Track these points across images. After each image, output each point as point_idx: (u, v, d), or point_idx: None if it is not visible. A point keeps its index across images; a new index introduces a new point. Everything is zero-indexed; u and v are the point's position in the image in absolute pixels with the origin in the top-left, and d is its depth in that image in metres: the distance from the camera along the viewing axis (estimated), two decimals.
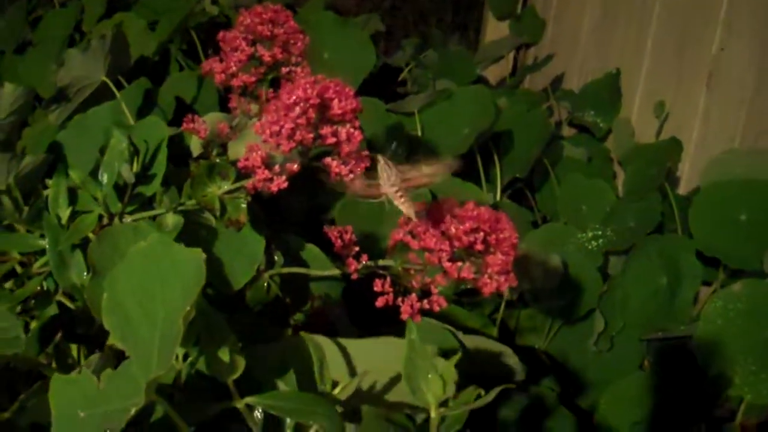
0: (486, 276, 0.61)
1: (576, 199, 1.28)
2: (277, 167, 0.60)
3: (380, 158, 0.64)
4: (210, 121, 0.78)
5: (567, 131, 1.75)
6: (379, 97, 1.32)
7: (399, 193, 0.64)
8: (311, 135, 0.57)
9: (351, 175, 0.60)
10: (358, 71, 1.45)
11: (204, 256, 0.46)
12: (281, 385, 0.58)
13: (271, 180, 0.59)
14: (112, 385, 0.46)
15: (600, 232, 1.23)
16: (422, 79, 1.90)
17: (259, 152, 0.60)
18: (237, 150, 0.82)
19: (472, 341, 0.87)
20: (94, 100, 1.22)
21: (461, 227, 0.60)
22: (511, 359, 0.86)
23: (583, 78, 1.80)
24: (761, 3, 1.15)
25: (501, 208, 1.29)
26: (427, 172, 0.66)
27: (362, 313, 0.84)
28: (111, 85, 1.18)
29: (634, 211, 1.22)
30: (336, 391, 0.56)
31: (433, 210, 0.64)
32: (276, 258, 0.76)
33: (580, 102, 1.67)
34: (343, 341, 0.63)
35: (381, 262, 0.68)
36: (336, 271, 0.72)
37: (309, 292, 0.82)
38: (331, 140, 0.57)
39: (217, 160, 0.73)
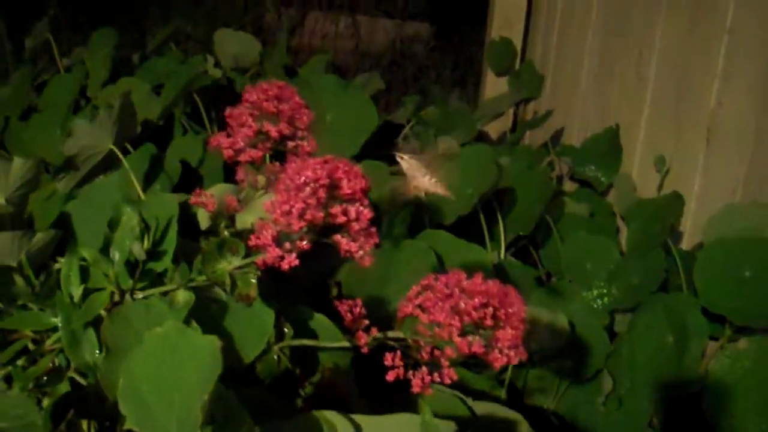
0: (496, 351, 0.61)
1: (580, 257, 1.28)
2: (287, 245, 0.61)
3: (401, 156, 0.68)
4: (217, 193, 0.79)
5: (568, 186, 1.76)
6: (380, 154, 1.33)
7: (433, 180, 0.68)
8: (321, 214, 0.58)
9: (360, 253, 0.60)
10: (361, 133, 1.47)
11: (220, 343, 0.46)
12: None
13: (282, 258, 0.60)
14: None
15: (605, 290, 1.23)
16: (424, 136, 1.92)
17: (270, 231, 0.61)
18: (245, 221, 0.83)
19: (482, 408, 0.87)
20: (102, 167, 1.24)
21: (470, 302, 0.61)
22: (523, 426, 0.85)
23: (583, 132, 1.81)
24: (759, 57, 1.17)
25: (506, 266, 1.30)
26: (443, 151, 0.69)
27: (372, 382, 0.84)
28: (119, 153, 1.19)
29: (638, 269, 1.23)
30: None
31: (441, 282, 0.65)
32: (286, 330, 0.77)
33: (581, 157, 1.68)
34: (357, 418, 0.63)
35: (390, 334, 0.69)
36: (345, 343, 0.72)
37: (318, 363, 0.83)
38: (341, 219, 0.58)
39: (226, 234, 0.74)
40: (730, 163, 1.25)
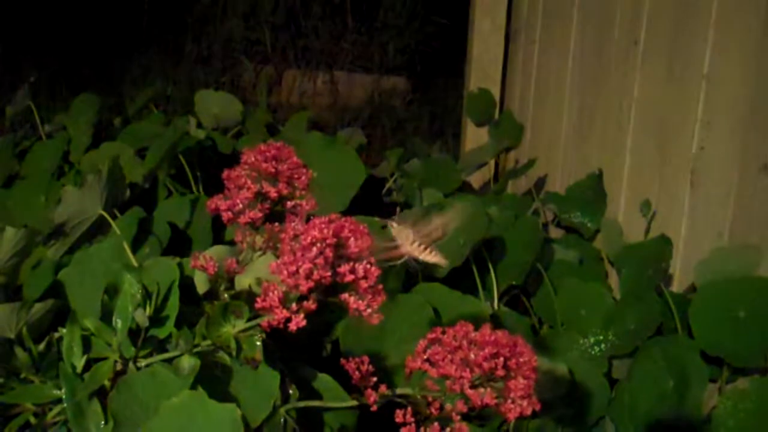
0: (509, 401, 0.61)
1: (574, 304, 1.28)
2: (294, 306, 0.60)
3: (392, 223, 0.67)
4: (214, 255, 0.79)
5: (554, 233, 1.77)
6: (365, 208, 1.34)
7: (423, 247, 0.67)
8: (329, 273, 0.58)
9: (369, 311, 0.60)
10: (349, 188, 1.48)
11: (240, 412, 0.46)
12: None
13: (289, 319, 0.60)
14: None
15: (602, 337, 1.23)
16: (408, 189, 1.93)
17: (276, 292, 0.60)
18: (243, 282, 0.82)
19: None
20: (91, 232, 1.23)
21: (481, 353, 0.61)
22: None
23: (566, 178, 1.83)
24: (738, 101, 1.19)
25: (500, 317, 1.29)
26: (440, 222, 0.68)
27: None
28: (110, 219, 1.19)
29: (633, 314, 1.23)
30: None
31: (449, 335, 0.64)
32: (291, 391, 0.76)
33: (566, 204, 1.69)
34: None
35: (399, 391, 0.68)
36: (353, 402, 0.72)
37: (324, 424, 0.82)
38: (350, 278, 0.58)
39: (227, 297, 0.74)
40: (715, 205, 1.27)
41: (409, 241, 0.68)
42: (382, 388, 0.67)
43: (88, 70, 3.02)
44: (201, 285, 0.85)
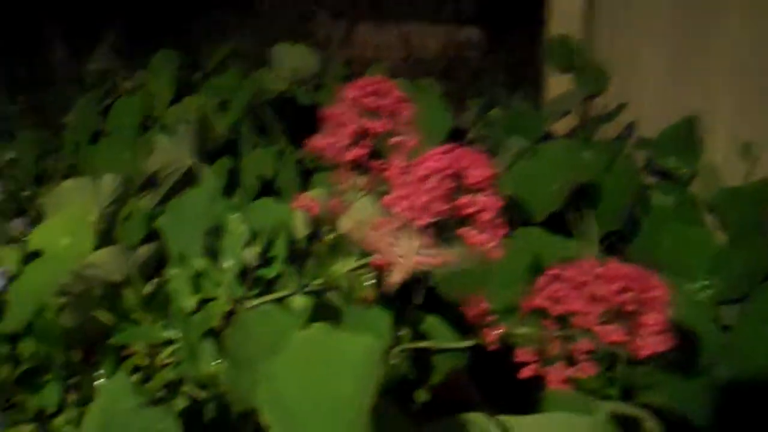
0: (640, 338, 0.58)
1: (678, 250, 1.23)
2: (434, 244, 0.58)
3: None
4: (317, 197, 0.77)
5: (647, 179, 1.71)
6: None
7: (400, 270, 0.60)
8: (447, 207, 0.55)
9: (490, 245, 0.57)
10: (436, 134, 1.45)
11: (378, 344, 0.43)
12: None
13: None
14: None
15: (708, 282, 1.18)
16: (491, 139, 1.88)
17: (391, 227, 0.58)
18: (345, 225, 0.80)
19: (605, 407, 0.83)
20: (182, 183, 1.23)
21: (611, 287, 0.57)
22: (649, 422, 0.81)
23: (658, 123, 1.76)
24: None
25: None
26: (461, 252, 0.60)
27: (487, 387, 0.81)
28: (200, 167, 1.18)
29: (741, 258, 1.17)
30: None
31: (573, 270, 0.61)
32: (402, 333, 0.74)
33: (659, 149, 1.63)
34: (505, 419, 0.59)
35: (516, 330, 0.65)
36: (468, 343, 0.69)
37: (433, 368, 0.79)
38: (470, 210, 0.55)
39: (331, 239, 0.72)
40: None
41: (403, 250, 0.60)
42: (501, 327, 0.65)
43: (164, 27, 3.02)
44: (300, 228, 0.83)
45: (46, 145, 1.96)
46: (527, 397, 0.89)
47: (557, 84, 2.27)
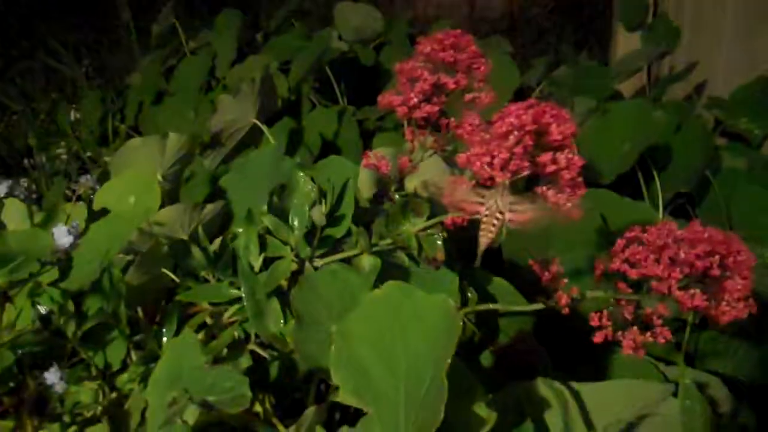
0: (724, 303, 0.55)
1: (753, 212, 1.19)
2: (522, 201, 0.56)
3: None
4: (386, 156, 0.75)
5: (718, 140, 1.65)
6: None
7: (495, 225, 0.58)
8: (527, 164, 0.53)
9: (569, 205, 0.55)
10: (505, 91, 1.42)
11: (453, 302, 0.42)
12: None
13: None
14: None
15: None
16: (557, 97, 1.84)
17: (467, 186, 0.56)
18: (412, 185, 0.78)
19: (673, 372, 0.81)
20: (244, 143, 1.22)
21: (693, 251, 0.55)
22: (720, 391, 0.79)
23: (730, 82, 1.70)
24: None
25: None
26: (545, 208, 0.57)
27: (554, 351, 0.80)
28: (263, 127, 1.18)
29: None
30: None
31: (653, 233, 0.59)
32: (469, 295, 0.72)
33: (731, 109, 1.57)
34: (576, 385, 0.58)
35: (591, 293, 0.63)
36: (537, 306, 0.67)
37: (499, 330, 0.78)
38: (552, 168, 0.53)
39: (398, 198, 0.70)
40: None
41: (497, 205, 0.57)
42: (574, 290, 0.62)
43: None
44: (366, 188, 0.82)
45: (109, 105, 1.98)
46: (594, 363, 0.87)
47: (626, 42, 2.21)
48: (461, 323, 0.41)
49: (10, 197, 0.90)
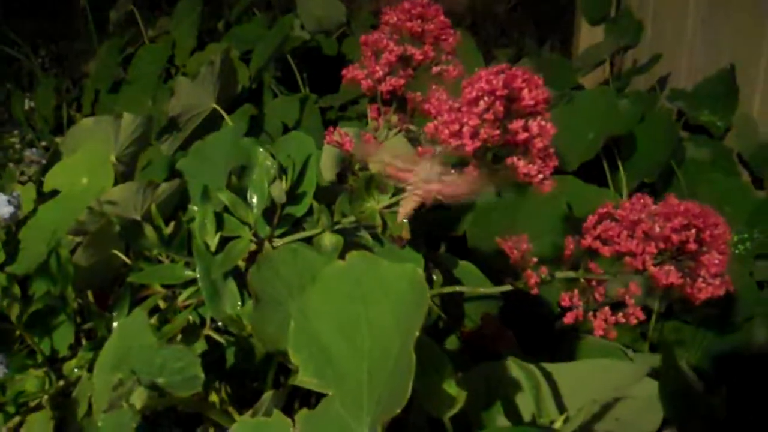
0: (700, 280, 0.53)
1: (716, 201, 1.18)
2: (453, 172, 0.54)
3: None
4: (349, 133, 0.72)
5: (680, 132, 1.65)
6: None
7: (417, 192, 0.56)
8: (498, 132, 0.50)
9: (540, 176, 0.53)
10: None
11: (422, 272, 0.39)
12: (488, 419, 0.51)
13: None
14: (312, 428, 0.40)
15: (746, 235, 1.13)
16: None
17: (433, 156, 0.53)
18: (378, 163, 0.76)
19: (641, 359, 0.80)
20: (203, 128, 1.19)
21: (669, 225, 0.53)
22: (690, 375, 0.77)
23: (692, 75, 1.71)
24: None
25: None
26: (467, 182, 0.55)
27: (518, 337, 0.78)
28: (222, 112, 1.14)
29: None
30: (557, 424, 0.49)
31: (626, 208, 0.57)
32: (435, 277, 0.69)
33: (694, 101, 1.57)
34: (547, 366, 0.55)
35: (559, 274, 0.61)
36: (501, 288, 0.65)
37: (464, 314, 0.75)
38: (523, 136, 0.50)
39: (361, 177, 0.68)
40: None
41: (421, 175, 0.55)
42: (543, 270, 0.60)
43: None
44: (329, 167, 0.79)
45: (65, 94, 1.93)
46: (560, 348, 0.86)
47: (588, 36, 2.21)
48: (429, 294, 0.38)
49: None
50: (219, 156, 0.90)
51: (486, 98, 0.50)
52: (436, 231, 1.08)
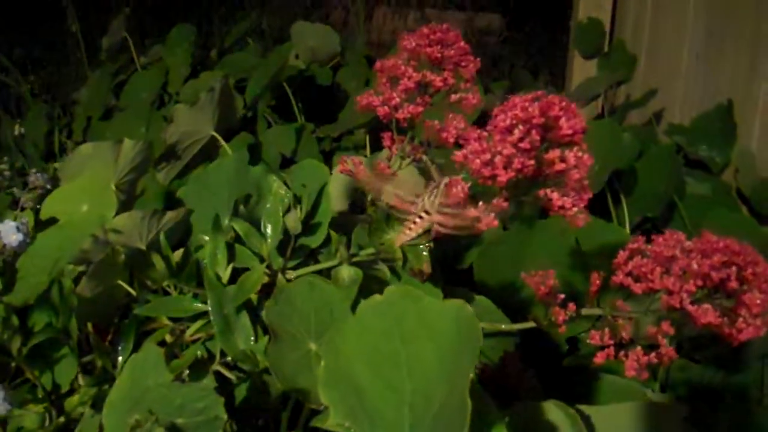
0: (741, 320, 0.51)
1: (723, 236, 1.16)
2: (481, 204, 0.51)
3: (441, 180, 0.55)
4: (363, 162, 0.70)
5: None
6: None
7: (416, 222, 0.55)
8: (533, 162, 0.48)
9: (574, 210, 0.50)
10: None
11: (470, 309, 0.36)
12: None
13: (477, 219, 0.50)
14: None
15: None
16: None
17: (462, 187, 0.51)
18: (389, 194, 0.73)
19: (658, 398, 0.78)
20: (201, 156, 1.16)
21: (708, 262, 0.50)
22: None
23: (687, 110, 1.70)
24: None
25: None
26: (472, 218, 0.53)
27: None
28: (221, 139, 1.12)
29: None
30: None
31: (659, 243, 0.55)
32: None
33: (691, 136, 1.57)
34: (583, 409, 0.53)
35: (585, 311, 0.59)
36: (524, 325, 0.62)
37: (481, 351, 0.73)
38: (560, 166, 0.48)
39: (374, 209, 0.65)
40: None
41: (424, 203, 0.55)
42: (571, 307, 0.58)
43: (176, 5, 2.96)
44: (339, 197, 0.76)
45: (55, 121, 1.90)
46: (575, 385, 0.83)
47: (582, 69, 2.21)
48: (480, 332, 0.36)
49: None
50: (221, 184, 0.88)
51: (521, 126, 0.47)
52: (441, 264, 1.06)
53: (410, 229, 0.56)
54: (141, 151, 0.89)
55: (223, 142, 1.13)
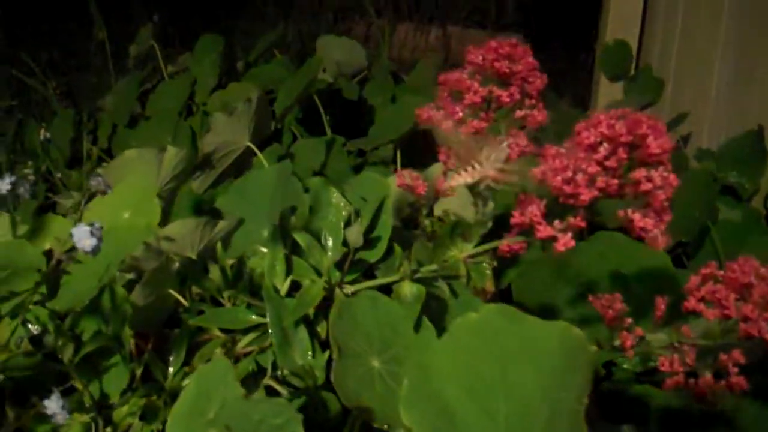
0: None
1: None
2: (557, 223, 0.50)
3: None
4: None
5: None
6: None
7: (468, 170, 0.54)
8: (617, 181, 0.47)
9: (656, 232, 0.49)
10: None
11: (578, 331, 0.35)
12: None
13: (554, 239, 0.49)
14: None
15: None
16: (542, 140, 1.80)
17: (537, 205, 0.50)
18: (440, 209, 0.72)
19: None
20: (235, 166, 1.16)
21: None
22: None
23: (715, 135, 1.69)
24: None
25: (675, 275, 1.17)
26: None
27: None
28: (256, 150, 1.11)
29: None
30: None
31: (733, 270, 0.53)
32: None
33: (720, 162, 1.55)
34: None
35: (650, 337, 0.57)
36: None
37: None
38: (647, 186, 0.47)
39: (427, 223, 0.64)
40: None
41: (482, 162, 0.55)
42: (639, 332, 0.56)
43: (202, 18, 2.97)
44: (392, 210, 0.75)
45: (80, 127, 1.90)
46: (623, 409, 0.81)
47: (607, 92, 2.20)
48: (591, 355, 0.34)
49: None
50: (262, 195, 0.86)
51: (606, 144, 0.46)
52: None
53: (460, 175, 0.56)
54: (183, 160, 0.88)
55: (259, 153, 1.12)
